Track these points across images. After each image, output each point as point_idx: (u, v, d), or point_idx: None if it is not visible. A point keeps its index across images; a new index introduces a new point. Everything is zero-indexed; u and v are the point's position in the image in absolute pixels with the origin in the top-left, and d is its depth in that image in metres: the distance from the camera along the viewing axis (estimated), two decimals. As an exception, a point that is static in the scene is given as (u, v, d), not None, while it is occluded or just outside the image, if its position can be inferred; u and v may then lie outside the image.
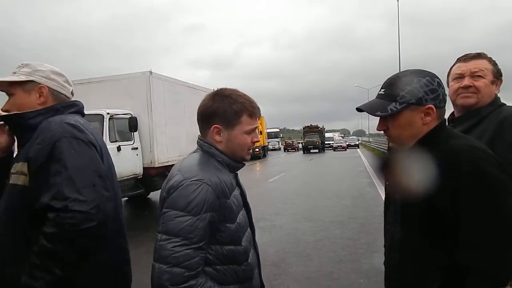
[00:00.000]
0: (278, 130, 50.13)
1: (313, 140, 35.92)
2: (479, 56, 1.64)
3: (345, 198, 9.10)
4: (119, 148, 7.16)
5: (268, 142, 36.63)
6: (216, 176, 1.22)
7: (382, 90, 1.23)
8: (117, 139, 7.27)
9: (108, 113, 7.18)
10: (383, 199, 1.53)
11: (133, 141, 7.66)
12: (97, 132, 1.51)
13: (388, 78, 1.24)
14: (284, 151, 42.21)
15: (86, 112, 1.60)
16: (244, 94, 1.33)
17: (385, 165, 1.55)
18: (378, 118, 1.24)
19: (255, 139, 1.34)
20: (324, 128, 43.19)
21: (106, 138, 6.96)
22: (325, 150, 38.05)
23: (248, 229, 1.37)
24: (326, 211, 7.69)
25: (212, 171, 1.23)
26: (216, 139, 1.30)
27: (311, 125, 40.58)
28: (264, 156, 30.07)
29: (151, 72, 7.89)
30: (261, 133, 25.39)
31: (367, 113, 1.24)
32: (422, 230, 1.13)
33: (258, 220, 6.78)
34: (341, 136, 58.53)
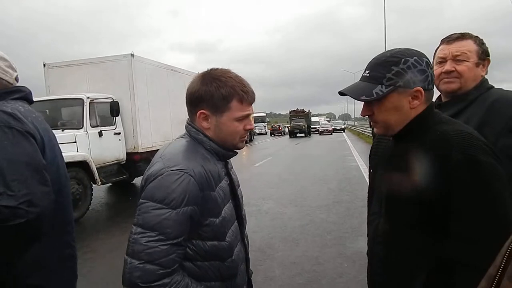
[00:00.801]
0: (264, 114, 50.06)
1: (299, 125, 36.06)
2: (463, 37, 1.55)
3: (331, 182, 9.15)
4: (100, 133, 7.00)
5: (255, 127, 36.59)
6: (201, 166, 1.11)
7: (367, 71, 1.13)
8: (99, 124, 7.10)
9: (88, 97, 6.96)
10: (368, 182, 1.47)
11: (115, 126, 7.49)
12: (41, 121, 1.41)
13: (373, 58, 1.15)
14: (271, 135, 42.25)
15: (65, 96, 1.49)
16: (237, 76, 1.20)
17: (370, 152, 1.48)
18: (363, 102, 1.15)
19: (248, 127, 1.22)
20: (310, 112, 43.38)
21: (86, 123, 6.79)
22: (311, 134, 38.27)
23: (235, 223, 1.27)
24: (312, 195, 7.72)
25: (197, 160, 1.12)
26: (203, 126, 1.19)
27: (297, 109, 40.79)
28: (251, 140, 30.09)
29: (132, 55, 7.68)
30: (247, 117, 25.32)
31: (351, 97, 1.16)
32: (408, 223, 1.07)
33: (244, 205, 6.73)
34: (327, 120, 58.84)
